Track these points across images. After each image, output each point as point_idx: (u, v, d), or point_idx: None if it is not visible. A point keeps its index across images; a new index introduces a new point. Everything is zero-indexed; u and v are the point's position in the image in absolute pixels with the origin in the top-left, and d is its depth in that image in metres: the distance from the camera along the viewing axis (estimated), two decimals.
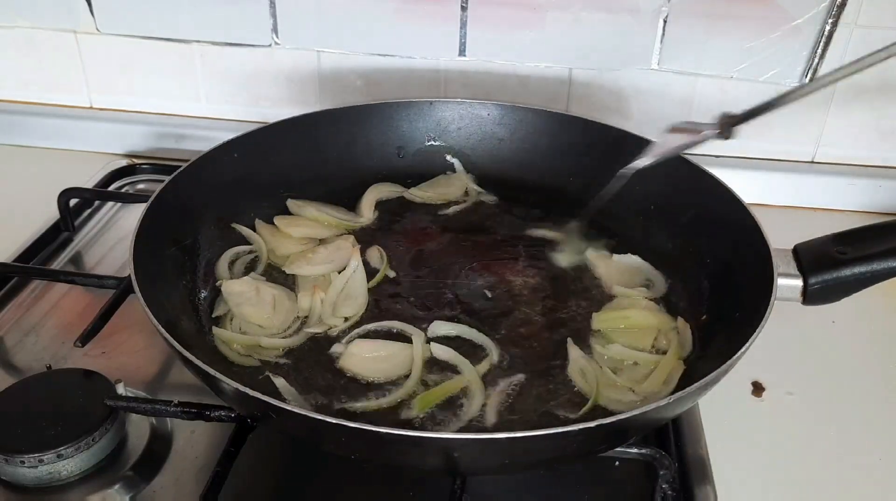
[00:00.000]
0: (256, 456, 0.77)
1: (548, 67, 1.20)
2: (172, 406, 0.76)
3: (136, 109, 1.35)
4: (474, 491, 0.73)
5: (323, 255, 0.96)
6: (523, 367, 0.83)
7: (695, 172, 0.97)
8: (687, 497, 0.74)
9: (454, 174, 1.13)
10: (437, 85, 1.24)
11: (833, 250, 0.78)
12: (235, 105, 1.32)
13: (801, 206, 1.22)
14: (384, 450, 0.67)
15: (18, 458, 0.73)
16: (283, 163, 1.06)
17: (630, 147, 1.04)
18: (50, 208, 1.11)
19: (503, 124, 1.12)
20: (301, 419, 0.63)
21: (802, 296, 0.79)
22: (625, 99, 1.22)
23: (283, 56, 1.25)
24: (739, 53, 1.13)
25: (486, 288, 0.94)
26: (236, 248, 0.97)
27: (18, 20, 1.28)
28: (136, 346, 0.92)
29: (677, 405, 0.68)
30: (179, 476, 0.77)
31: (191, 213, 0.95)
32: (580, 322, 0.89)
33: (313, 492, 0.77)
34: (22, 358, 0.91)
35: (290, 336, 0.85)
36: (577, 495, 0.77)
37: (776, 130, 1.22)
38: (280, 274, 0.94)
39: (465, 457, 0.66)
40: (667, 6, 1.12)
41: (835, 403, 0.88)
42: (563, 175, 1.09)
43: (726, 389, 0.73)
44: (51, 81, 1.34)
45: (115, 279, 0.94)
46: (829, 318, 0.98)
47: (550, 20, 1.15)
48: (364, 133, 1.11)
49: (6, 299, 0.99)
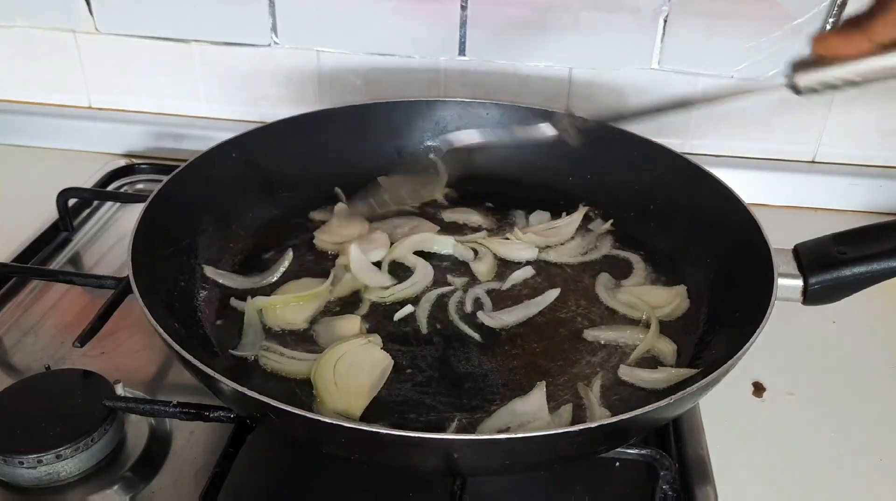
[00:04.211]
0: (256, 457, 0.77)
1: (548, 67, 1.20)
2: (171, 407, 0.76)
3: (135, 108, 1.34)
4: (474, 492, 0.72)
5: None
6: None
7: (695, 172, 0.97)
8: (687, 497, 0.74)
9: (434, 175, 1.13)
10: (436, 85, 1.24)
11: (833, 250, 0.78)
12: (235, 105, 1.32)
13: (801, 206, 1.22)
14: (383, 451, 0.67)
15: (17, 459, 0.73)
16: (281, 163, 1.06)
17: (630, 147, 1.05)
18: (49, 208, 1.10)
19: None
20: (300, 419, 0.63)
21: (802, 296, 0.79)
22: (625, 99, 1.21)
23: (283, 56, 1.25)
24: (739, 53, 1.13)
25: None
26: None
27: (17, 20, 1.28)
28: (135, 346, 0.92)
29: (678, 406, 0.68)
30: (178, 477, 0.77)
31: (190, 213, 0.95)
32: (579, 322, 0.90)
33: (312, 493, 0.77)
34: (21, 359, 0.91)
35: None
36: (577, 495, 0.76)
37: (776, 130, 1.22)
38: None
39: (465, 458, 0.66)
40: (667, 6, 1.11)
41: (835, 403, 0.88)
42: (563, 175, 1.09)
43: (726, 389, 0.73)
44: (50, 80, 1.34)
45: (113, 279, 0.94)
46: (829, 318, 0.98)
47: (550, 20, 1.15)
48: (363, 133, 1.11)
49: (5, 300, 0.99)
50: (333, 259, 0.98)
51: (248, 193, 1.03)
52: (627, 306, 0.91)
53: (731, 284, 0.86)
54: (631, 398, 0.80)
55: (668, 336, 0.87)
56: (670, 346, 0.85)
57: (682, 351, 0.85)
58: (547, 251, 1.00)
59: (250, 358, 0.83)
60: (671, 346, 0.85)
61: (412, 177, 1.12)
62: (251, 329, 0.86)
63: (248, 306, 0.88)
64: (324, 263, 0.97)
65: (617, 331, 0.88)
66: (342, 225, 1.03)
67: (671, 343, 0.86)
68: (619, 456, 0.71)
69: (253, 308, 0.88)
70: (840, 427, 0.85)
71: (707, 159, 1.21)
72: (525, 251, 0.99)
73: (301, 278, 0.94)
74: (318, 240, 1.01)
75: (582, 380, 0.81)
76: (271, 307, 0.89)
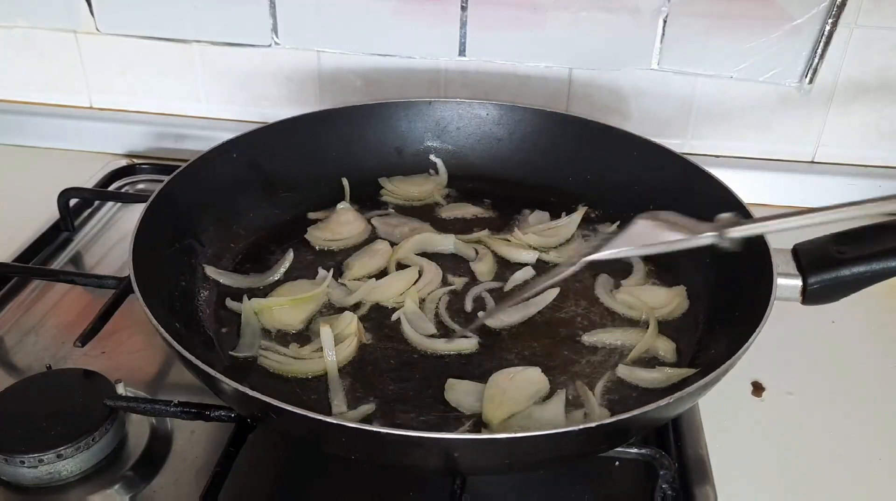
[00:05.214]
0: (256, 456, 0.77)
1: (548, 67, 1.20)
2: (172, 406, 0.76)
3: (136, 108, 1.35)
4: (474, 491, 0.73)
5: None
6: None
7: (694, 172, 0.97)
8: (687, 497, 0.74)
9: (434, 176, 1.13)
10: (436, 85, 1.24)
11: (833, 250, 0.78)
12: (235, 105, 1.32)
13: (801, 206, 1.22)
14: (384, 450, 0.67)
15: (18, 458, 0.73)
16: (282, 163, 1.06)
17: (630, 147, 1.05)
18: (50, 208, 1.11)
19: (502, 124, 1.12)
20: (301, 419, 0.63)
21: (802, 296, 0.79)
22: (625, 99, 1.22)
23: (283, 56, 1.25)
24: (739, 53, 1.13)
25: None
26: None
27: (18, 20, 1.28)
28: (135, 346, 0.92)
29: (677, 405, 0.68)
30: (179, 476, 0.77)
31: (190, 213, 0.95)
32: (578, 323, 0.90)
33: (313, 492, 0.77)
34: (22, 358, 0.91)
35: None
36: (577, 495, 0.77)
37: (776, 130, 1.22)
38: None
39: (465, 457, 0.66)
40: (667, 6, 1.11)
41: (835, 403, 0.88)
42: (563, 175, 1.09)
43: (726, 389, 0.73)
44: (51, 80, 1.34)
45: (114, 279, 0.94)
46: (829, 318, 0.98)
47: (550, 20, 1.15)
48: (364, 133, 1.11)
49: (6, 300, 0.99)
50: (334, 259, 0.98)
51: (248, 193, 1.03)
52: (627, 307, 0.91)
53: (730, 284, 0.86)
54: (630, 398, 0.80)
55: (667, 336, 0.87)
56: (670, 345, 0.86)
57: (681, 351, 0.86)
58: (547, 251, 1.00)
59: (249, 358, 0.83)
60: (671, 345, 0.86)
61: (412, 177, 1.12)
62: (249, 330, 0.86)
63: (245, 308, 0.88)
64: (325, 262, 0.97)
65: (617, 331, 0.88)
66: (341, 223, 1.03)
67: (670, 343, 0.86)
68: (618, 456, 0.71)
69: (250, 309, 0.88)
70: (839, 427, 0.85)
71: (707, 159, 1.21)
72: (525, 254, 0.99)
73: (298, 280, 0.94)
74: (310, 236, 1.01)
75: (581, 380, 0.81)
76: (267, 309, 0.88)
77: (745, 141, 1.23)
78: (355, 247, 1.01)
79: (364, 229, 1.03)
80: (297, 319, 0.88)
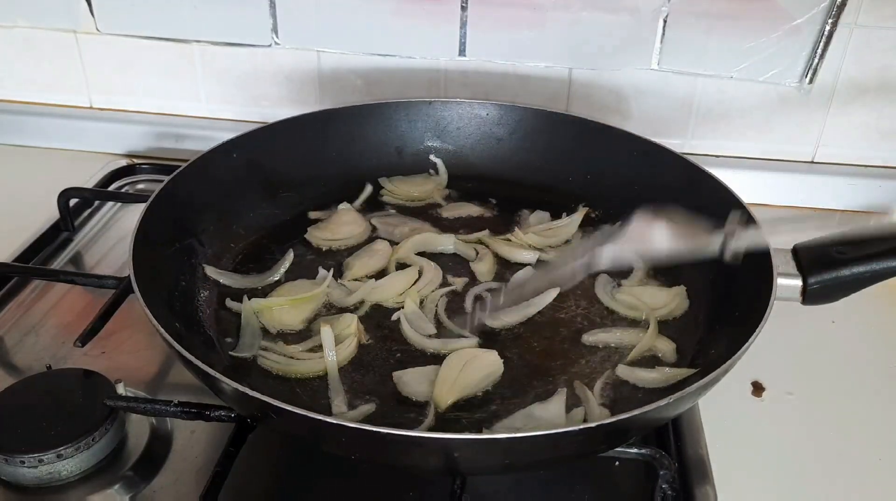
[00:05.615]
0: (256, 456, 0.77)
1: (548, 67, 1.20)
2: (172, 406, 0.76)
3: (136, 108, 1.35)
4: (474, 491, 0.73)
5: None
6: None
7: (694, 172, 0.97)
8: (687, 497, 0.74)
9: (434, 176, 1.13)
10: (436, 85, 1.24)
11: (832, 250, 0.78)
12: (235, 105, 1.32)
13: (801, 206, 1.22)
14: (384, 451, 0.67)
15: (18, 458, 0.73)
16: (282, 163, 1.06)
17: (630, 147, 1.05)
18: (50, 208, 1.11)
19: (502, 124, 1.12)
20: (301, 419, 0.63)
21: (802, 296, 0.79)
22: (625, 99, 1.22)
23: (283, 56, 1.25)
24: (739, 53, 1.13)
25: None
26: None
27: (18, 20, 1.28)
28: (135, 346, 0.92)
29: (677, 405, 0.68)
30: (179, 476, 0.77)
31: (190, 213, 0.95)
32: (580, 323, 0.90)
33: (312, 493, 0.77)
34: (22, 358, 0.91)
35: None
36: (577, 495, 0.77)
37: (776, 130, 1.22)
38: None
39: (465, 457, 0.66)
40: (667, 6, 1.11)
41: (835, 403, 0.88)
42: (563, 175, 1.09)
43: (726, 389, 0.73)
44: (51, 80, 1.34)
45: (114, 279, 0.94)
46: (829, 318, 0.98)
47: (550, 20, 1.15)
48: (364, 133, 1.11)
49: (6, 299, 0.99)
50: (334, 259, 0.98)
51: (248, 193, 1.03)
52: (627, 307, 0.91)
53: (730, 284, 0.86)
54: (630, 398, 0.80)
55: (667, 336, 0.87)
56: (670, 345, 0.86)
57: (681, 351, 0.86)
58: (547, 251, 1.00)
59: (249, 358, 0.83)
60: (670, 346, 0.86)
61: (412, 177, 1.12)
62: (248, 330, 0.86)
63: (245, 308, 0.88)
64: (325, 262, 0.97)
65: (617, 331, 0.88)
66: (341, 223, 1.03)
67: (671, 343, 0.86)
68: (618, 456, 0.71)
69: (250, 309, 0.88)
70: (839, 427, 0.85)
71: (707, 159, 1.21)
72: (526, 254, 0.99)
73: (298, 280, 0.94)
74: (310, 236, 1.02)
75: (581, 380, 0.81)
76: (267, 309, 0.89)
77: (745, 141, 1.23)
78: (355, 247, 1.01)
79: (364, 229, 1.03)
80: (298, 319, 0.88)
